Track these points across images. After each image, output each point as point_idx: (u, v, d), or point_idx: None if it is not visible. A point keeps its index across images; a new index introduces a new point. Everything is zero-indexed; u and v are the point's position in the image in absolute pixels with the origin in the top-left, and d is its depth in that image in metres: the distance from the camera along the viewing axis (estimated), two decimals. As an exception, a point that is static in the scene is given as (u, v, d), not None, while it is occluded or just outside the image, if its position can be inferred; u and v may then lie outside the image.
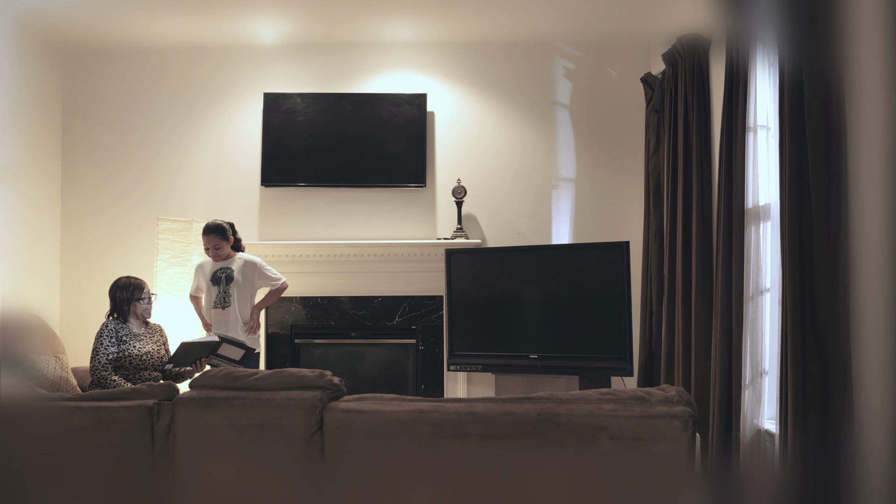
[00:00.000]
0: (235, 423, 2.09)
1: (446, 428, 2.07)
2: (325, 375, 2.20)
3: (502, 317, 4.93)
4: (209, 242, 4.59)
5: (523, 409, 2.09)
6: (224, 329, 4.58)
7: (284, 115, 5.46)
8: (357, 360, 5.58)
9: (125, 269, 5.19)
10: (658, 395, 2.14)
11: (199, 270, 4.73)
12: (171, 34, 5.33)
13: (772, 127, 3.63)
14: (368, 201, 5.54)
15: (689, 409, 2.08)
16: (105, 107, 5.57)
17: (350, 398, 2.18)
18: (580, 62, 5.57)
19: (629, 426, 2.05)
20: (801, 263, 3.05)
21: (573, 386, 4.74)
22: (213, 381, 2.19)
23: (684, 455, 2.04)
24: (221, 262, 4.64)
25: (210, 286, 4.63)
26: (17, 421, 2.15)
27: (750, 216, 3.70)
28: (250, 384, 2.16)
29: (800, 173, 3.07)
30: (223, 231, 4.60)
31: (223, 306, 4.59)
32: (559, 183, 5.55)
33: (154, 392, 2.19)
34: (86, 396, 2.17)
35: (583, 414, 2.07)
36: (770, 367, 3.54)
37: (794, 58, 3.08)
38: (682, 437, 2.04)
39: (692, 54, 4.40)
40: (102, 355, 4.00)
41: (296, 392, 2.13)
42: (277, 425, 2.09)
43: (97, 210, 5.53)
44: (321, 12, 5.01)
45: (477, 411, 2.08)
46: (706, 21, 4.33)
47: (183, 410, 2.12)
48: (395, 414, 2.09)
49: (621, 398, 2.12)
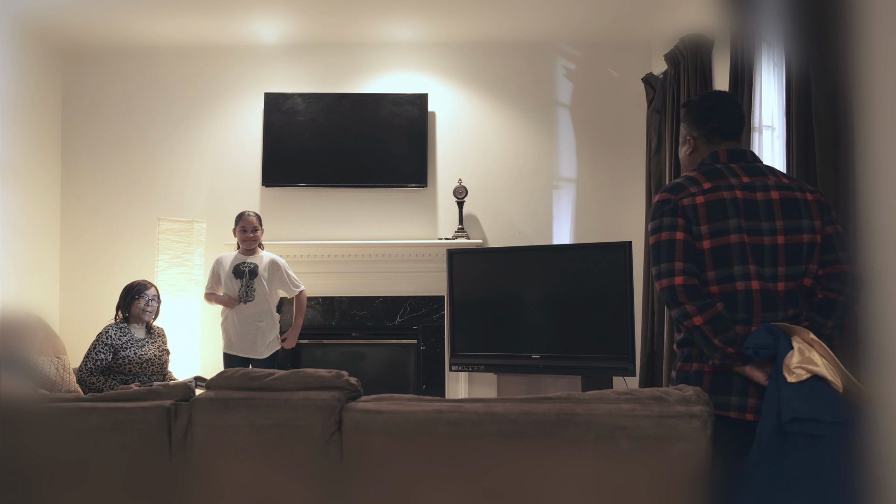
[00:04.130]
0: (253, 424, 2.08)
1: (465, 428, 2.06)
2: (342, 376, 2.19)
3: (504, 317, 4.93)
4: (249, 224, 4.51)
5: (542, 408, 2.09)
6: (245, 322, 4.48)
7: (285, 115, 5.44)
8: (358, 361, 5.57)
9: (125, 269, 5.17)
10: (676, 394, 2.14)
11: (217, 266, 4.59)
12: (172, 34, 5.31)
13: (777, 127, 3.64)
14: (369, 201, 5.53)
15: (707, 408, 2.08)
16: (105, 106, 5.55)
17: (368, 398, 2.17)
18: (581, 62, 5.58)
19: (648, 426, 2.05)
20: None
21: (575, 386, 4.74)
22: (231, 381, 2.18)
23: (703, 455, 2.04)
24: (243, 257, 4.55)
25: (231, 279, 4.50)
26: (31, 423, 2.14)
27: (755, 216, 3.70)
28: (268, 384, 2.15)
29: (807, 173, 3.09)
30: (261, 220, 4.58)
31: (245, 300, 4.48)
32: (560, 183, 5.56)
33: (171, 392, 2.18)
34: (102, 397, 2.16)
35: (601, 414, 2.07)
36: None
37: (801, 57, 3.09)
38: (701, 436, 2.04)
39: (695, 54, 4.41)
40: (91, 360, 3.99)
41: (314, 392, 2.13)
42: (295, 426, 2.08)
43: (97, 210, 5.50)
44: (322, 12, 5.00)
45: (496, 411, 2.08)
46: (709, 21, 4.34)
47: (200, 411, 2.11)
48: (414, 414, 2.08)
49: (639, 398, 2.12)
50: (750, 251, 2.14)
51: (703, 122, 2.33)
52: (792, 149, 3.13)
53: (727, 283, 2.14)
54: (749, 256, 2.13)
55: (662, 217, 2.20)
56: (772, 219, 2.17)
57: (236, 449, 2.08)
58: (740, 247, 2.14)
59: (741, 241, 2.14)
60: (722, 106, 2.34)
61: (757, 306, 2.13)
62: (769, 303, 2.13)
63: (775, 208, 2.17)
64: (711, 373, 2.19)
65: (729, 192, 2.17)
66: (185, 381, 4.04)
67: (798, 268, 2.17)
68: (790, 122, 3.18)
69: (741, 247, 2.14)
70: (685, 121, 2.40)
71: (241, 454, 2.08)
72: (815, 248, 2.18)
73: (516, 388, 4.94)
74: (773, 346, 2.01)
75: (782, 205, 2.18)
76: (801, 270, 2.17)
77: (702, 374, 2.21)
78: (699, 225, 2.16)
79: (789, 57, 3.20)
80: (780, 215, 2.17)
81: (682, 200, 2.18)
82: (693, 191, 2.19)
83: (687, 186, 2.21)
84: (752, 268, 2.13)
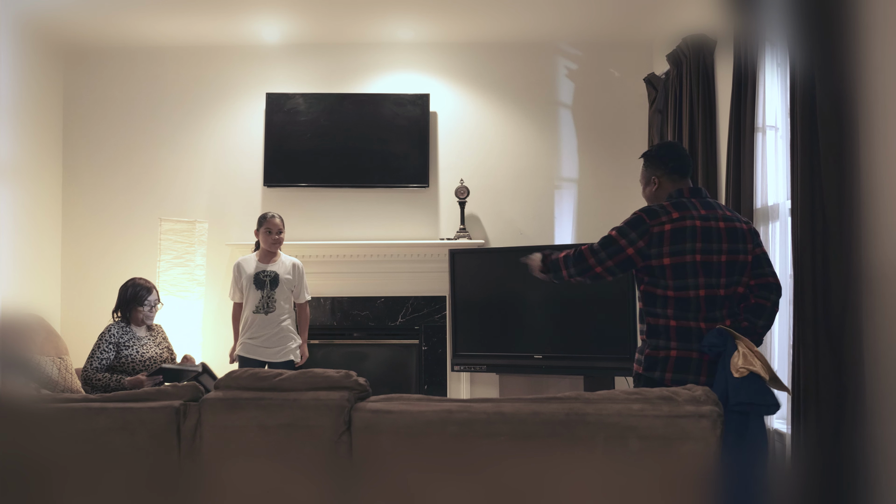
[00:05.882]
0: (262, 424, 2.08)
1: (475, 428, 2.06)
2: (350, 376, 2.19)
3: (506, 317, 4.93)
4: (275, 227, 4.47)
5: (552, 408, 2.09)
6: (267, 336, 4.44)
7: (287, 115, 5.44)
8: (360, 361, 5.56)
9: (126, 270, 5.15)
10: (685, 394, 2.14)
11: (239, 270, 4.52)
12: (174, 34, 5.30)
13: (780, 127, 3.64)
14: (371, 202, 5.53)
15: (716, 408, 2.08)
16: (106, 106, 5.54)
17: (377, 398, 2.17)
18: (582, 62, 5.58)
19: (658, 426, 2.05)
20: (813, 263, 3.06)
21: (578, 386, 4.74)
22: (239, 381, 2.17)
23: (713, 455, 2.04)
24: (263, 264, 4.50)
25: (252, 289, 4.45)
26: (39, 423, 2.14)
27: (759, 216, 3.71)
28: (277, 385, 2.15)
29: (812, 173, 3.08)
30: (283, 222, 4.57)
31: (266, 311, 4.44)
32: (562, 183, 5.56)
33: (180, 393, 2.17)
34: (110, 398, 2.15)
35: (611, 413, 2.07)
36: (780, 367, 3.56)
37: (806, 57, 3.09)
38: (710, 436, 2.04)
39: (697, 54, 4.42)
40: (97, 359, 3.98)
41: (323, 392, 2.12)
42: (305, 426, 2.08)
43: (99, 210, 5.49)
44: (324, 12, 4.99)
45: (506, 411, 2.08)
46: (712, 21, 4.34)
47: (209, 411, 2.10)
48: (424, 414, 2.08)
49: (649, 398, 2.12)
50: (702, 267, 2.78)
51: (664, 164, 3.01)
52: (796, 149, 3.13)
53: (682, 291, 2.80)
54: (700, 271, 2.78)
55: (632, 231, 2.86)
56: (720, 242, 2.81)
57: (245, 449, 2.08)
58: (693, 265, 2.78)
59: (694, 259, 2.78)
60: (676, 151, 3.05)
61: (704, 308, 2.80)
62: (713, 304, 2.81)
63: (723, 235, 2.82)
64: (675, 357, 2.80)
65: (691, 221, 2.81)
66: (191, 367, 4.01)
67: (735, 279, 2.84)
68: (794, 122, 3.18)
69: (694, 265, 2.78)
70: (647, 166, 3.07)
71: (250, 454, 2.08)
72: (747, 265, 2.87)
73: (518, 389, 4.94)
74: (722, 346, 2.68)
75: (727, 232, 2.83)
76: (737, 281, 2.85)
77: (668, 359, 2.81)
78: (661, 247, 2.81)
79: (793, 57, 3.20)
80: (726, 240, 2.82)
81: (653, 228, 2.82)
82: (664, 220, 2.82)
83: (661, 215, 2.84)
84: (702, 279, 2.79)
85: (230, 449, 2.08)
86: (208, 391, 4.04)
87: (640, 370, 2.89)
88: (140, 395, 2.16)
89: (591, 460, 2.06)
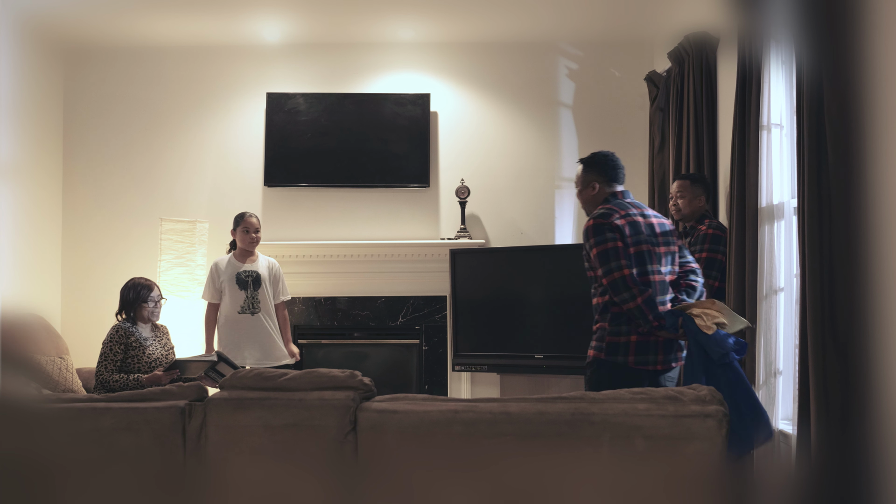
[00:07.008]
0: (268, 424, 2.08)
1: (480, 428, 2.06)
2: (355, 376, 2.19)
3: (507, 317, 4.93)
4: (252, 226, 4.50)
5: (557, 408, 2.09)
6: (252, 336, 4.46)
7: (287, 114, 5.43)
8: (360, 361, 5.56)
9: (127, 269, 5.14)
10: (690, 394, 2.14)
11: (216, 272, 4.54)
12: (174, 34, 5.29)
13: (785, 125, 3.63)
14: (371, 201, 5.53)
15: (721, 408, 2.08)
16: (107, 106, 5.53)
17: (382, 398, 2.17)
18: (583, 62, 5.58)
19: (663, 426, 2.05)
20: (820, 262, 3.04)
21: (579, 386, 4.74)
22: (245, 381, 2.17)
23: (718, 455, 2.04)
24: (240, 263, 4.52)
25: (234, 290, 4.47)
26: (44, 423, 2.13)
27: (763, 215, 3.70)
28: (282, 385, 2.14)
29: (818, 171, 3.07)
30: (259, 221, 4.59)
31: (252, 312, 4.46)
32: (562, 183, 5.56)
33: (185, 393, 2.17)
34: (115, 398, 2.15)
35: (617, 413, 2.07)
36: (784, 367, 3.55)
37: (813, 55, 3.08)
38: (716, 436, 2.04)
39: (700, 52, 4.41)
40: (110, 361, 3.96)
41: (328, 392, 2.12)
42: (310, 426, 2.07)
43: (99, 209, 5.49)
44: (324, 12, 4.99)
45: (511, 411, 2.08)
46: (714, 19, 4.34)
47: (215, 411, 2.10)
48: (429, 414, 2.08)
49: (654, 397, 2.12)
50: (654, 255, 3.17)
51: (605, 172, 3.34)
52: (803, 147, 3.11)
53: (644, 276, 3.12)
54: (652, 259, 3.16)
55: (605, 232, 3.11)
56: (656, 235, 3.21)
57: (251, 449, 2.07)
58: (648, 253, 3.15)
59: (649, 249, 3.16)
60: (614, 161, 3.38)
61: (658, 291, 3.13)
62: (663, 288, 3.17)
63: (656, 229, 3.23)
64: (636, 341, 3.10)
65: (633, 217, 3.18)
66: (208, 357, 3.99)
67: (670, 267, 3.26)
68: (801, 120, 3.16)
69: (649, 253, 3.16)
70: (587, 172, 3.38)
71: (255, 454, 2.07)
72: (675, 255, 3.31)
73: (519, 389, 4.94)
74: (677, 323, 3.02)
75: (659, 227, 3.25)
76: (670, 269, 3.27)
77: (629, 344, 3.10)
78: (625, 237, 3.11)
79: (800, 55, 3.19)
80: (659, 233, 3.23)
81: (613, 222, 3.12)
82: (616, 217, 3.14)
83: (611, 214, 3.16)
84: (655, 266, 3.16)
85: (235, 449, 2.07)
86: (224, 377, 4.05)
87: (602, 356, 3.13)
88: (145, 395, 2.15)
89: (596, 460, 2.06)
